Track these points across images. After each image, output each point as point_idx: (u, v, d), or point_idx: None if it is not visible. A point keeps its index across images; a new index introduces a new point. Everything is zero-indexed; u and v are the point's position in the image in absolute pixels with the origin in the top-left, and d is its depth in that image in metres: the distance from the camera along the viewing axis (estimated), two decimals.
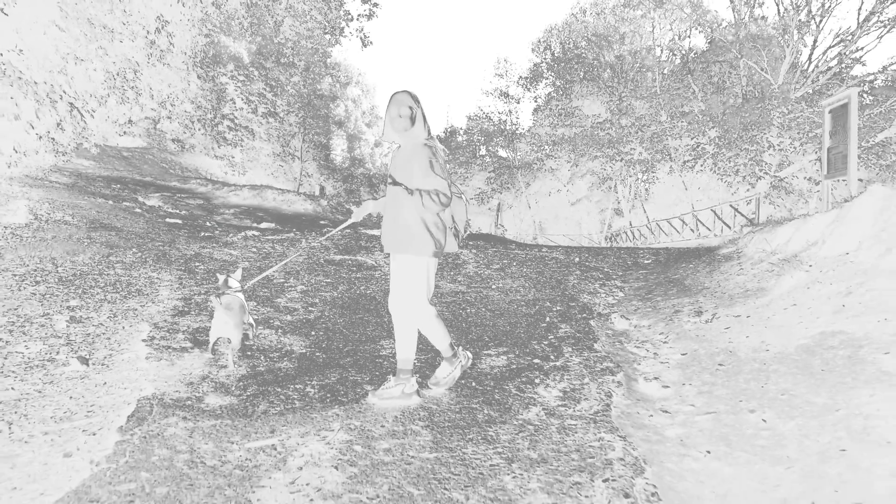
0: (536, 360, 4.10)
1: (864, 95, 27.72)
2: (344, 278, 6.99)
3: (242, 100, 23.05)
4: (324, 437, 2.81)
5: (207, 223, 12.20)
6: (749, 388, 3.27)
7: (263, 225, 13.64)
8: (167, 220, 11.70)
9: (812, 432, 2.66)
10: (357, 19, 15.58)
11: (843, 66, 26.11)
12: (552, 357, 4.18)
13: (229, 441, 2.74)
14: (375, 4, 13.41)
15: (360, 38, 14.88)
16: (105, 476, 2.39)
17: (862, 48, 25.95)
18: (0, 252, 6.36)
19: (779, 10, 23.02)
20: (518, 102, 42.03)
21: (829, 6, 23.43)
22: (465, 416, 3.11)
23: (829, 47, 25.87)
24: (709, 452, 2.68)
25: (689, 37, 28.07)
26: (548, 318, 5.43)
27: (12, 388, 3.38)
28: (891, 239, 4.45)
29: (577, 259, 9.69)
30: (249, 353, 4.18)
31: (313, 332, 4.80)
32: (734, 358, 3.79)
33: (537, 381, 3.65)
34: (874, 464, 2.30)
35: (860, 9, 22.87)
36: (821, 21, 24.80)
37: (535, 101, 41.59)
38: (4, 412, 3.05)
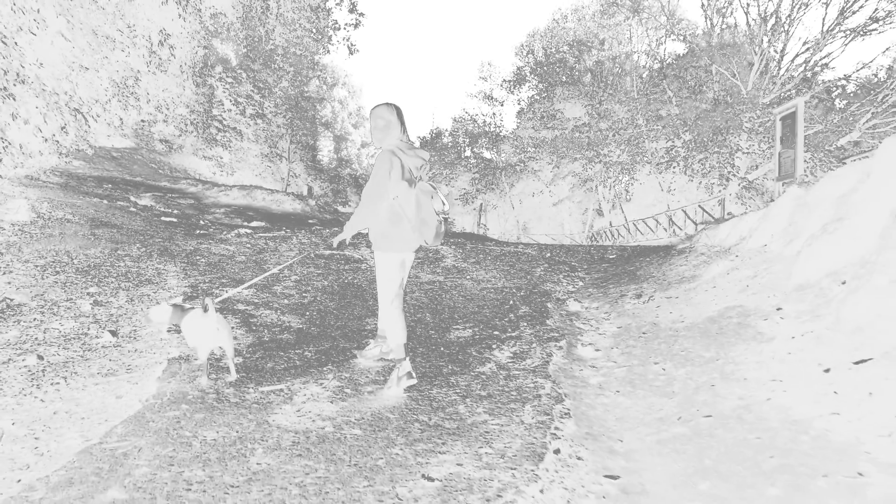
0: (496, 332, 4.90)
1: (836, 100, 28.90)
2: (333, 270, 7.73)
3: (231, 101, 23.62)
4: (321, 383, 3.57)
5: (201, 221, 12.85)
6: (660, 349, 4.09)
7: (254, 224, 14.28)
8: (162, 218, 12.35)
9: (695, 375, 3.48)
10: (344, 28, 16.38)
11: (811, 72, 27.27)
12: (509, 330, 4.98)
13: (246, 387, 3.49)
14: (361, 14, 14.15)
15: (348, 47, 15.64)
16: (153, 407, 3.14)
17: (829, 54, 27.09)
18: (19, 246, 7.01)
19: (747, 20, 24.07)
20: (502, 105, 42.93)
21: (795, 17, 24.52)
22: (433, 370, 3.89)
23: (798, 54, 26.94)
24: (618, 392, 3.49)
25: (664, 43, 29.14)
26: (511, 302, 6.23)
27: (58, 355, 4.09)
28: (795, 232, 5.29)
29: (547, 254, 10.51)
30: (254, 328, 4.92)
31: (307, 313, 5.55)
32: (656, 328, 4.62)
33: (494, 346, 4.45)
34: (730, 393, 3.12)
35: (824, 19, 23.97)
36: (789, 28, 25.87)
37: (519, 104, 42.50)
38: (58, 371, 3.77)
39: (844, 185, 4.81)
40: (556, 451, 2.67)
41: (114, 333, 4.54)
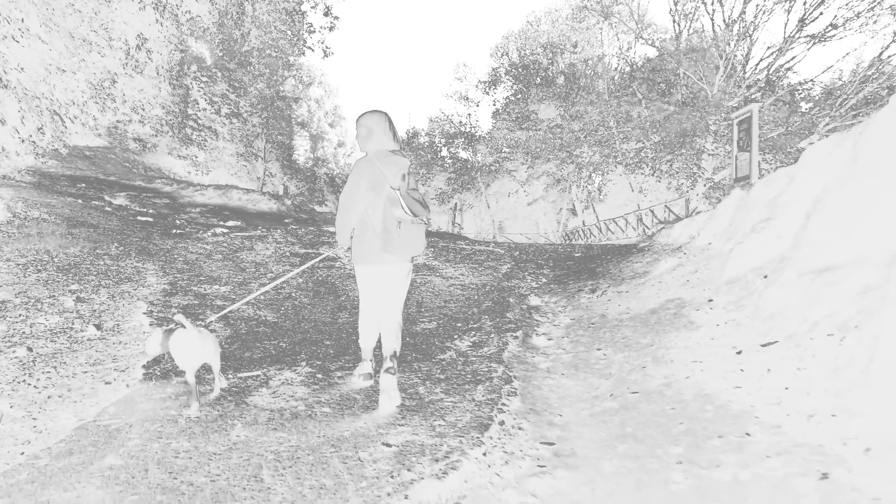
0: (459, 325, 5.28)
1: (802, 103, 29.90)
2: (307, 268, 8.04)
3: (206, 100, 23.65)
4: (294, 369, 3.92)
5: (177, 221, 13.01)
6: (604, 337, 4.52)
7: (230, 223, 14.46)
8: (138, 218, 12.49)
9: (631, 359, 3.90)
10: (319, 31, 16.64)
11: (776, 76, 28.22)
12: (471, 322, 5.37)
13: (225, 374, 3.82)
14: (336, 18, 14.42)
15: (323, 50, 15.92)
16: (141, 391, 3.46)
17: (793, 58, 28.06)
18: None
19: (713, 25, 24.85)
20: (477, 105, 43.39)
21: (759, 23, 25.38)
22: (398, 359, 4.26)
23: (762, 59, 27.81)
24: (563, 374, 3.90)
25: (633, 47, 29.87)
26: (476, 297, 6.62)
27: (46, 347, 4.36)
28: (734, 231, 5.77)
29: (516, 253, 10.94)
30: (232, 321, 5.23)
31: (282, 308, 5.88)
32: (604, 319, 5.05)
33: (456, 337, 4.83)
34: (657, 373, 3.55)
35: (786, 25, 24.85)
36: (753, 33, 26.72)
37: (494, 105, 42.97)
38: (48, 361, 4.05)
39: (774, 189, 5.30)
40: (501, 423, 3.06)
41: (98, 327, 4.82)
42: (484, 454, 2.70)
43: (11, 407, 3.26)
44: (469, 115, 42.66)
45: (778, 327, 3.55)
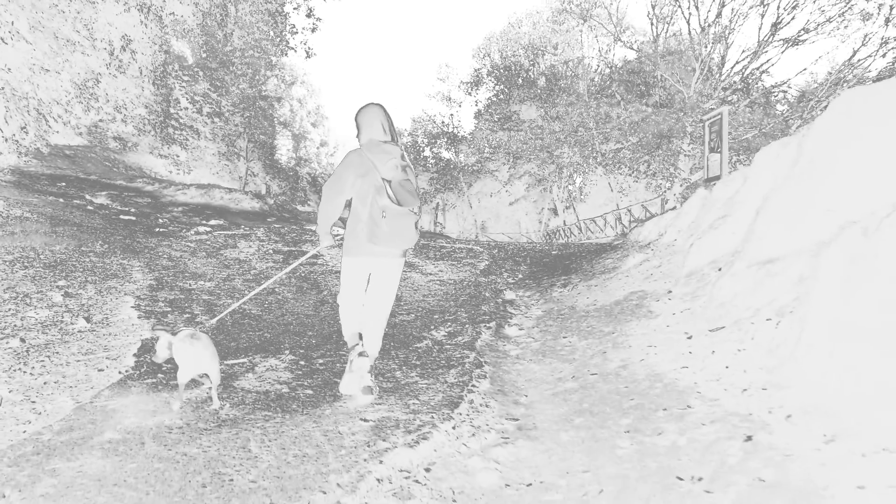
0: (436, 317, 5.55)
1: (778, 105, 30.62)
2: (291, 262, 8.25)
3: (187, 99, 23.65)
4: (278, 356, 4.16)
5: (160, 220, 13.11)
6: (571, 326, 4.82)
7: (212, 222, 14.57)
8: (121, 216, 12.58)
9: (593, 346, 4.20)
10: (302, 32, 16.84)
11: (751, 78, 28.90)
12: (448, 315, 5.64)
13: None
14: (318, 19, 14.64)
15: (305, 51, 16.12)
16: (133, 377, 3.67)
17: (768, 60, 28.77)
18: None
19: (689, 28, 25.41)
20: (460, 106, 43.70)
21: (734, 27, 26.00)
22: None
23: (737, 62, 28.44)
24: (531, 360, 4.19)
25: (612, 49, 30.43)
26: (453, 292, 6.90)
27: (38, 338, 4.55)
28: (696, 228, 6.11)
29: (495, 251, 11.24)
30: (217, 314, 5.44)
31: (266, 302, 6.09)
32: (573, 311, 5.35)
33: (432, 328, 5.10)
34: (616, 357, 3.85)
35: (759, 29, 25.50)
36: (729, 36, 27.35)
37: (476, 105, 43.31)
38: (41, 351, 4.23)
39: (732, 189, 5.64)
40: (470, 402, 3.33)
41: (87, 320, 5.00)
42: (453, 427, 2.97)
43: (10, 391, 3.46)
44: (451, 115, 43.00)
45: (726, 314, 3.87)
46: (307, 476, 2.46)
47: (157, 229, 11.01)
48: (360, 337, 3.56)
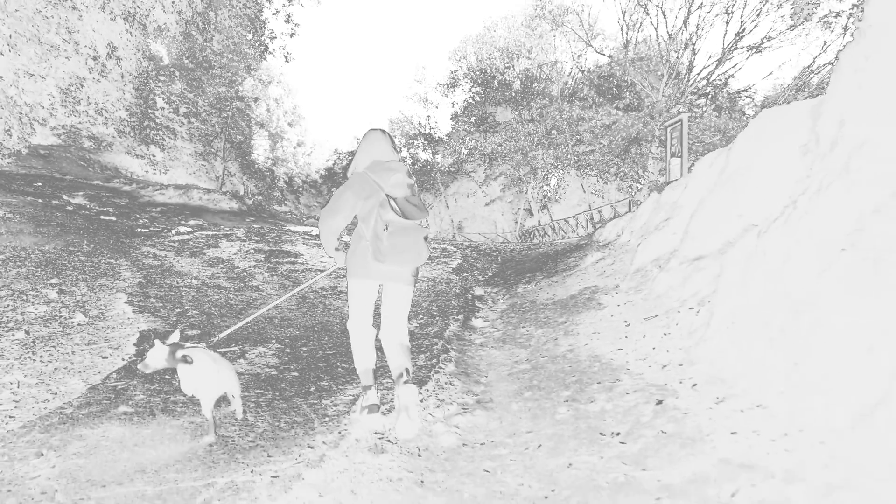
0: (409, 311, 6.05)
1: (745, 110, 31.75)
2: (273, 261, 8.68)
3: (164, 99, 23.75)
4: (266, 345, 4.63)
5: (140, 220, 13.37)
6: (530, 318, 5.36)
7: (192, 222, 14.85)
8: (101, 217, 12.81)
9: (547, 333, 4.75)
10: (280, 37, 17.21)
11: (718, 83, 29.97)
12: (420, 309, 6.15)
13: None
14: (297, 24, 15.03)
15: (284, 56, 16.51)
16: (137, 361, 4.11)
17: (734, 66, 29.87)
18: None
19: (657, 35, 26.31)
20: (436, 108, 44.20)
21: (701, 33, 26.96)
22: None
23: (704, 67, 29.44)
24: (492, 347, 4.72)
25: (584, 54, 31.26)
26: (426, 288, 7.41)
27: (41, 331, 4.94)
28: (646, 230, 6.71)
29: (468, 251, 11.78)
30: (206, 309, 5.87)
31: (251, 298, 6.53)
32: (533, 304, 5.90)
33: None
34: (565, 343, 4.40)
35: (724, 36, 26.51)
36: (696, 42, 28.32)
37: (453, 107, 43.83)
38: (46, 342, 4.64)
39: (676, 193, 6.25)
40: (437, 381, 3.84)
41: (85, 314, 5.40)
42: (421, 400, 3.48)
43: (25, 376, 3.88)
44: (428, 116, 43.45)
45: (660, 305, 4.45)
46: (297, 437, 2.95)
47: (139, 229, 11.31)
48: (374, 375, 3.33)
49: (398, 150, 3.38)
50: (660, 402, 3.03)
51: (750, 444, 2.43)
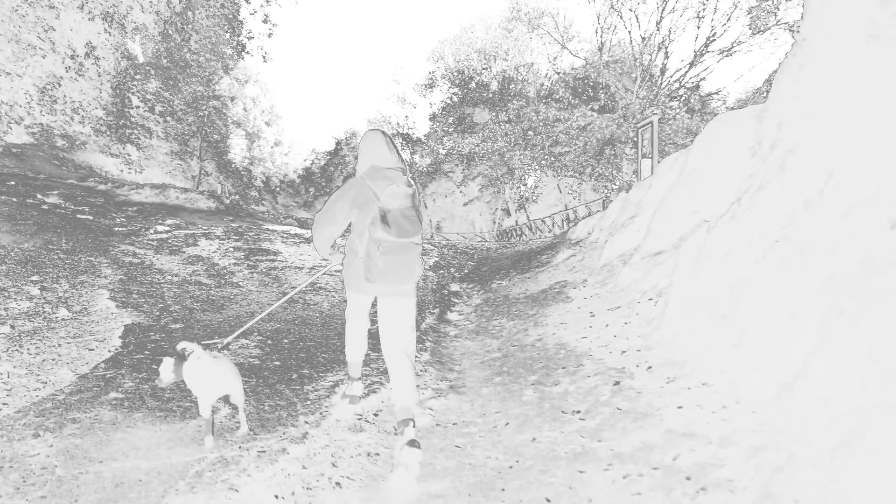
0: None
1: (718, 111, 32.53)
2: (252, 259, 8.81)
3: (139, 98, 23.56)
4: (248, 338, 4.81)
5: (118, 219, 13.35)
6: (503, 311, 5.62)
7: (170, 221, 14.85)
8: (78, 216, 12.77)
9: (518, 325, 5.01)
10: (258, 37, 17.29)
11: (691, 86, 30.67)
12: None
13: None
14: (274, 25, 15.14)
15: (262, 56, 16.59)
16: (123, 353, 4.27)
17: (706, 69, 30.60)
18: None
19: (631, 38, 26.87)
20: (414, 108, 44.39)
21: (674, 37, 27.59)
22: (334, 333, 5.21)
23: (677, 70, 30.10)
24: (466, 338, 4.97)
25: (559, 57, 31.76)
26: None
27: (26, 325, 5.05)
28: (614, 227, 7.02)
29: (445, 250, 12.03)
30: (189, 306, 6.02)
31: (231, 294, 6.69)
32: (506, 298, 6.17)
33: None
34: (534, 333, 4.66)
35: (696, 40, 27.18)
36: (669, 45, 28.96)
37: (431, 107, 44.06)
38: (32, 336, 4.76)
39: (642, 193, 6.56)
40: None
41: (69, 309, 5.51)
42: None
43: (14, 367, 4.01)
44: (406, 117, 43.64)
45: (624, 297, 4.74)
46: (281, 418, 3.16)
47: (117, 228, 11.32)
48: (361, 369, 3.35)
49: (398, 150, 3.20)
50: (617, 384, 3.30)
51: (693, 416, 2.71)
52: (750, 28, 22.55)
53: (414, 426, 2.76)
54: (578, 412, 3.12)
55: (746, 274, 3.02)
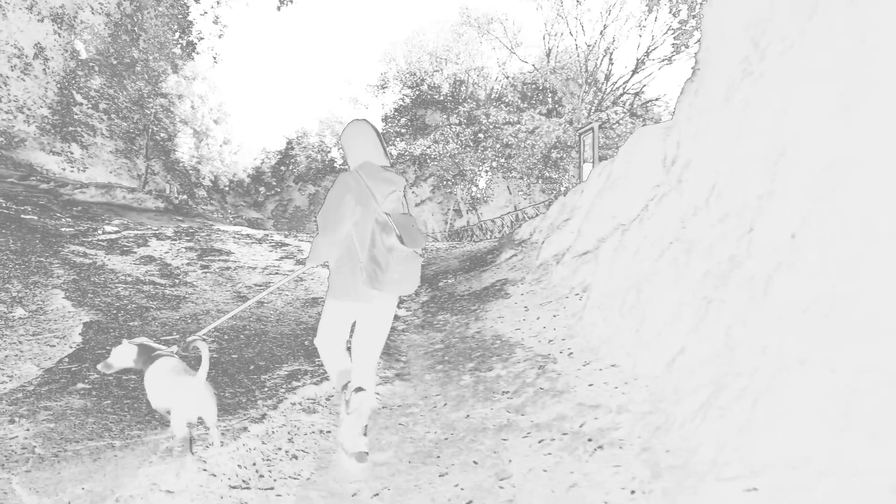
0: None
1: (662, 117, 33.93)
2: (205, 259, 8.98)
3: (82, 95, 22.98)
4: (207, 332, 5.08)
5: (63, 219, 13.16)
6: (447, 307, 6.06)
7: (117, 221, 14.70)
8: (22, 216, 12.55)
9: (460, 319, 5.46)
10: (208, 38, 17.17)
11: (635, 92, 31.96)
12: None
13: (172, 336, 4.90)
14: (225, 26, 15.15)
15: (213, 57, 16.53)
16: (86, 349, 4.49)
17: (650, 75, 31.96)
18: None
19: (577, 45, 27.85)
20: (367, 108, 44.49)
21: (618, 44, 28.73)
22: (300, 328, 5.53)
23: (620, 76, 31.30)
24: (412, 332, 5.37)
25: (508, 62, 32.62)
26: None
27: None
28: (552, 229, 7.55)
29: None
30: (153, 300, 6.21)
31: (185, 293, 6.90)
32: (451, 296, 6.61)
33: None
34: (475, 326, 5.12)
35: (638, 48, 28.39)
36: (613, 53, 30.11)
37: (383, 108, 44.23)
38: None
39: (576, 197, 7.12)
40: None
41: (25, 309, 5.64)
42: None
43: None
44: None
45: (555, 293, 5.24)
46: (241, 403, 3.50)
47: (64, 228, 11.22)
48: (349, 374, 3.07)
49: (385, 146, 3.05)
50: (541, 368, 3.78)
51: (600, 391, 3.20)
52: (673, 47, 23.77)
53: (362, 386, 2.85)
54: (507, 392, 3.57)
55: (648, 270, 3.54)
